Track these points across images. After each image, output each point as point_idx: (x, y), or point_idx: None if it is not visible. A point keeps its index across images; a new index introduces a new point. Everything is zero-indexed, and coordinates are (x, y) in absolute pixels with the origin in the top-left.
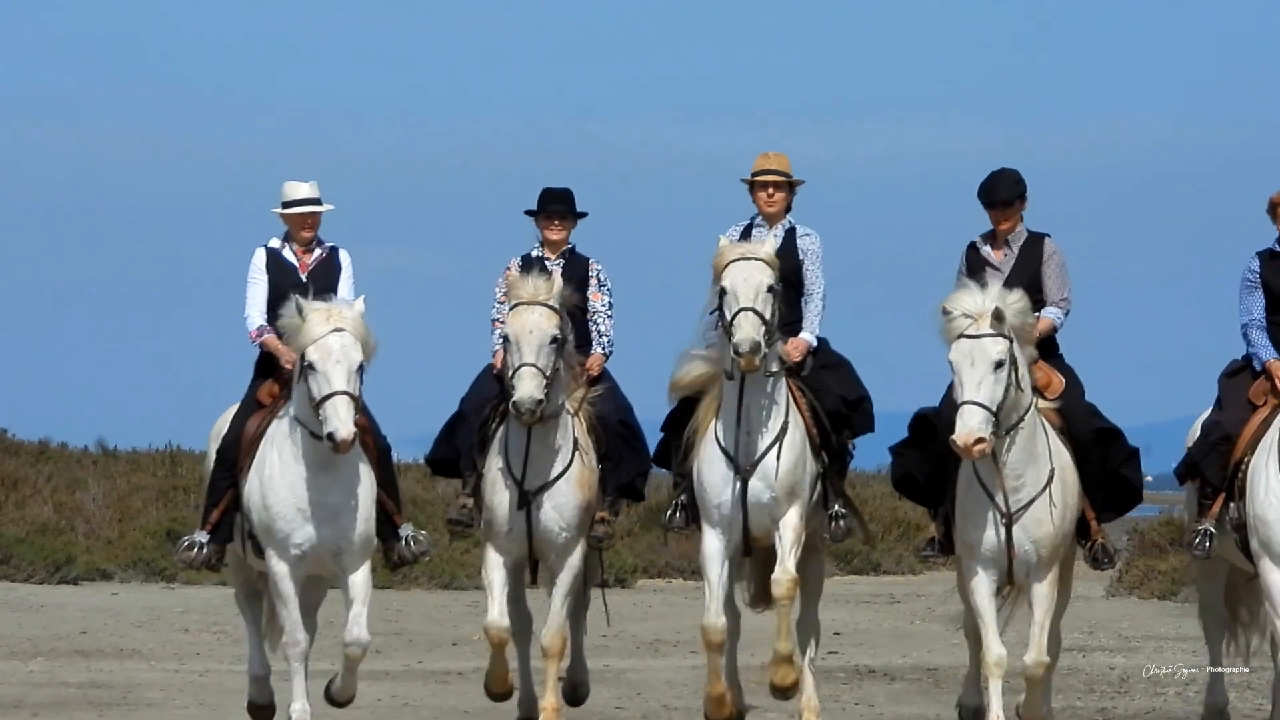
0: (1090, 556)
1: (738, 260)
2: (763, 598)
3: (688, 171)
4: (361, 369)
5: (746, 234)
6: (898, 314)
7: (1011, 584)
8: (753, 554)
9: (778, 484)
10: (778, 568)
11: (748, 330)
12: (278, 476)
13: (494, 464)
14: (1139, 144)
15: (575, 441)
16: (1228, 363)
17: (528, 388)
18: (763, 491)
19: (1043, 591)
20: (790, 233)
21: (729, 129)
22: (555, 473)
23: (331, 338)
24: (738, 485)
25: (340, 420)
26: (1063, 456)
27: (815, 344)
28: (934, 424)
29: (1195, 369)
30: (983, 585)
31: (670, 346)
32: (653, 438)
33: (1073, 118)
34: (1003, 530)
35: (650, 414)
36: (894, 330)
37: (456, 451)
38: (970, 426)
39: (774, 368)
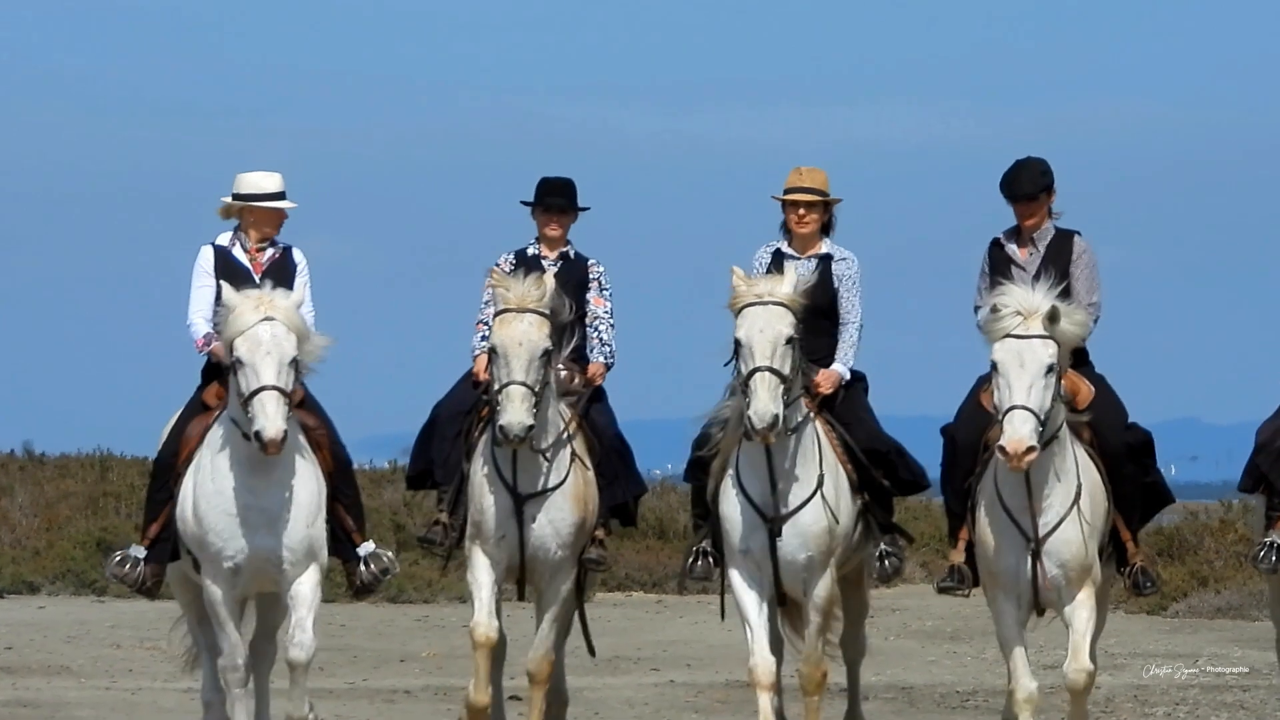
0: (1130, 582)
1: (753, 305)
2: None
3: (675, 159)
4: (296, 364)
5: (777, 262)
6: (898, 313)
7: (1039, 612)
8: (786, 605)
9: (815, 543)
10: (803, 660)
11: (765, 401)
12: (209, 483)
13: (480, 469)
14: (1130, 135)
15: (572, 453)
16: None
17: (517, 412)
18: (798, 550)
19: (1080, 606)
20: (825, 261)
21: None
22: (551, 482)
23: (261, 328)
24: (766, 533)
25: (267, 418)
26: (1091, 473)
27: (848, 376)
28: (954, 439)
29: (1191, 369)
30: (1010, 618)
31: (664, 346)
32: (643, 445)
33: (1059, 106)
34: (1029, 558)
35: (647, 414)
36: (894, 330)
37: (432, 462)
38: (1022, 434)
39: (795, 422)
